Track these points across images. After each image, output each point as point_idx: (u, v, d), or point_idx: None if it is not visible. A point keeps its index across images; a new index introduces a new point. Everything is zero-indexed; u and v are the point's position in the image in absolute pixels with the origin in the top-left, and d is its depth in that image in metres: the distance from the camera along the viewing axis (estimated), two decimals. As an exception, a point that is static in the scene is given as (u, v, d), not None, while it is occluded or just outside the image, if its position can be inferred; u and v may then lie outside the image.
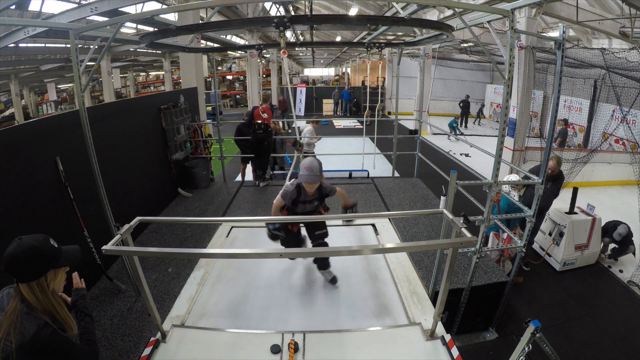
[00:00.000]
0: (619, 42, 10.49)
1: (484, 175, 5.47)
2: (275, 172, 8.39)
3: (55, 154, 3.61)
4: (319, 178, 3.27)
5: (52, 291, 1.72)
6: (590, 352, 4.19)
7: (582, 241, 5.79)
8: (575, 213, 5.94)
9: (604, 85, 11.52)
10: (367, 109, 7.61)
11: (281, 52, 3.38)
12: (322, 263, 3.69)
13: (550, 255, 5.94)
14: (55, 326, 1.68)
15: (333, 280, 3.65)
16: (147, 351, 2.58)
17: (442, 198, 4.51)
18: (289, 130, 17.24)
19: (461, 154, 12.51)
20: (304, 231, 3.78)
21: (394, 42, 15.75)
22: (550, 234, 5.98)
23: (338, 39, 20.80)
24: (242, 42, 18.71)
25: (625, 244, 5.91)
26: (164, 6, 9.43)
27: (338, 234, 4.75)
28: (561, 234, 5.78)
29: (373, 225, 4.98)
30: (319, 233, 3.59)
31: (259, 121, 6.60)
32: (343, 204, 3.74)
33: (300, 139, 4.02)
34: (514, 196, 5.16)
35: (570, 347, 4.21)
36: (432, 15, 11.73)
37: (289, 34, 3.22)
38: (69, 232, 3.68)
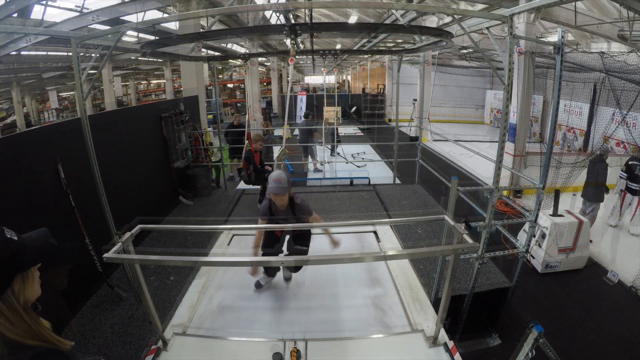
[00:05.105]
0: (617, 45, 10.52)
1: (484, 180, 5.48)
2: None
3: (57, 161, 3.62)
4: (286, 190, 3.27)
5: (24, 306, 1.18)
6: (594, 357, 4.16)
7: (567, 244, 5.74)
8: (561, 215, 5.91)
9: (603, 89, 11.54)
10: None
11: (288, 60, 3.40)
12: (290, 276, 3.69)
13: (533, 257, 5.92)
14: None
15: (257, 285, 3.66)
16: (148, 359, 2.57)
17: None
18: (290, 137, 17.31)
19: (461, 154, 12.43)
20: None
21: (393, 49, 15.86)
22: (533, 235, 5.95)
23: (338, 46, 20.91)
24: (242, 50, 18.83)
25: None
26: (165, 15, 9.50)
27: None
28: (544, 236, 5.74)
29: (374, 232, 4.97)
30: (298, 248, 3.49)
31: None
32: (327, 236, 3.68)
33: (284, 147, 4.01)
34: None
35: (574, 352, 4.18)
36: (432, 22, 11.80)
37: (288, 42, 3.25)
38: (70, 239, 3.67)
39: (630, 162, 6.93)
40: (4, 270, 1.14)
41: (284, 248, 3.66)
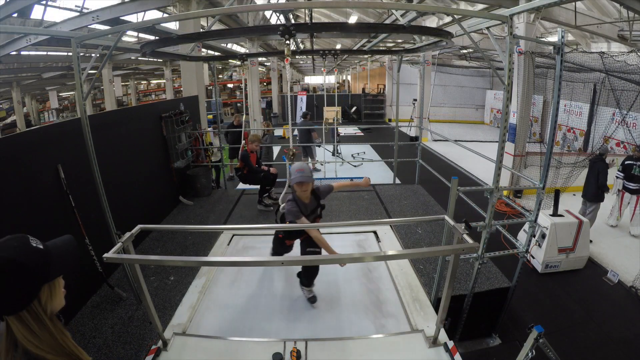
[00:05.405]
0: (617, 45, 10.53)
1: (484, 180, 5.48)
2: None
3: (56, 161, 3.62)
4: (311, 178, 3.24)
5: (51, 316, 1.15)
6: (594, 357, 4.16)
7: (567, 244, 5.73)
8: (561, 215, 5.91)
9: (603, 89, 11.56)
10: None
11: (284, 59, 3.39)
12: (306, 280, 3.58)
13: (533, 257, 5.92)
14: None
15: (312, 300, 3.56)
16: (148, 359, 2.57)
17: None
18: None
19: (461, 155, 12.51)
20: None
21: (393, 49, 15.87)
22: (533, 236, 5.96)
23: (338, 46, 20.94)
24: (243, 50, 18.84)
25: None
26: (165, 15, 9.51)
27: (340, 241, 4.74)
28: (543, 236, 5.75)
29: (374, 232, 4.97)
30: (310, 250, 3.44)
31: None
32: (359, 186, 3.63)
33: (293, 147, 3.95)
34: None
35: (574, 352, 4.18)
36: (431, 22, 11.81)
37: (290, 41, 3.22)
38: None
39: (626, 162, 6.94)
40: (31, 281, 1.10)
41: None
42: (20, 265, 1.07)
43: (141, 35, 13.24)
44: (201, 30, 8.97)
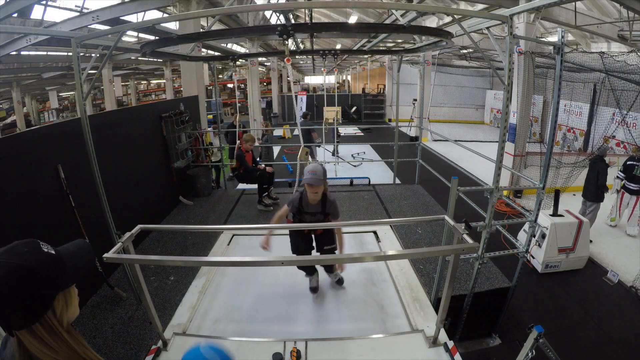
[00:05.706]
0: (617, 45, 10.53)
1: (484, 180, 5.48)
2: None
3: (56, 161, 3.62)
4: (322, 182, 3.20)
5: (68, 328, 1.06)
6: (594, 357, 4.16)
7: (566, 244, 5.73)
8: (561, 215, 5.91)
9: (603, 89, 11.55)
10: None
11: (285, 59, 3.38)
12: (328, 267, 3.80)
13: (533, 257, 5.92)
14: None
15: (339, 282, 3.77)
16: (148, 359, 2.57)
17: None
18: (290, 137, 17.32)
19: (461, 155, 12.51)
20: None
21: (393, 49, 15.87)
22: (533, 236, 5.96)
23: (338, 46, 20.94)
24: (243, 50, 18.84)
25: None
26: (165, 15, 9.51)
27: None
28: (543, 236, 5.75)
29: (374, 232, 4.97)
30: (327, 248, 3.56)
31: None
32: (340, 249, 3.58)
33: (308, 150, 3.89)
34: None
35: (574, 352, 4.18)
36: (432, 22, 11.80)
37: (289, 41, 3.22)
38: (70, 240, 3.66)
39: (628, 163, 6.93)
40: (44, 289, 0.99)
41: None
42: (32, 272, 0.96)
43: (141, 35, 13.24)
44: (201, 30, 8.97)
